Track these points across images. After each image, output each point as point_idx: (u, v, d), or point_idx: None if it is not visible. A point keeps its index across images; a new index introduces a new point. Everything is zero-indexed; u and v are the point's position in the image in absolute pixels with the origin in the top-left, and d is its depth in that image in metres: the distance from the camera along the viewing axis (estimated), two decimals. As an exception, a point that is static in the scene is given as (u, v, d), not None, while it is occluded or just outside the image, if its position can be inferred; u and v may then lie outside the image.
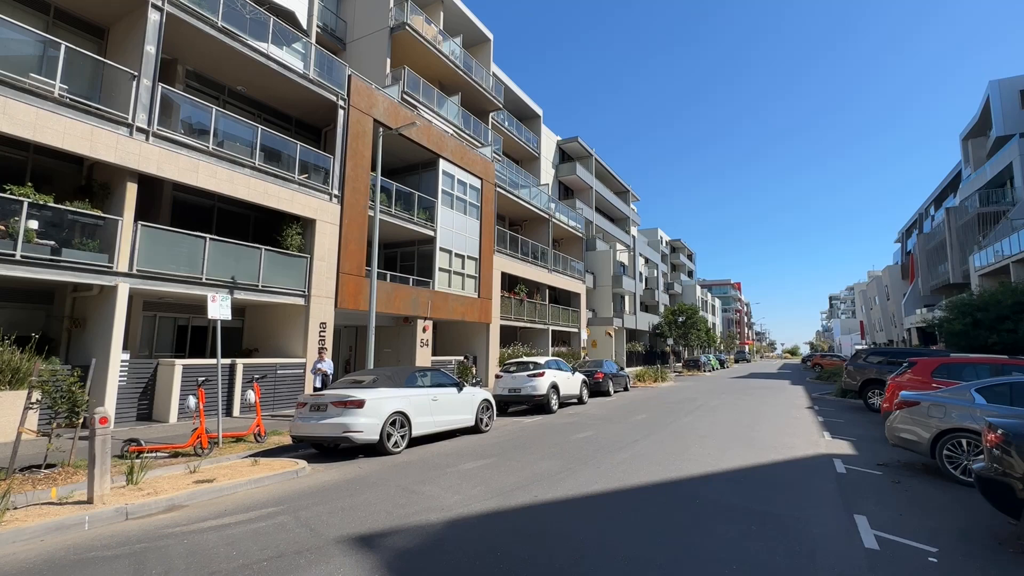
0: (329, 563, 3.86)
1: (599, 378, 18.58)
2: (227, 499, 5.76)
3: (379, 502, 5.51)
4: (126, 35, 11.45)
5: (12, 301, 10.92)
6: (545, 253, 27.86)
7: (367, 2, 22.01)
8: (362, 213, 15.75)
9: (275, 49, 13.81)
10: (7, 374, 8.61)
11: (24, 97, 8.96)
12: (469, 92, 25.35)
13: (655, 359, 44.64)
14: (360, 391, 8.23)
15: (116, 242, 10.11)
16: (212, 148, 11.86)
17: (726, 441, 9.40)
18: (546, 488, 6.08)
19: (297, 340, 14.02)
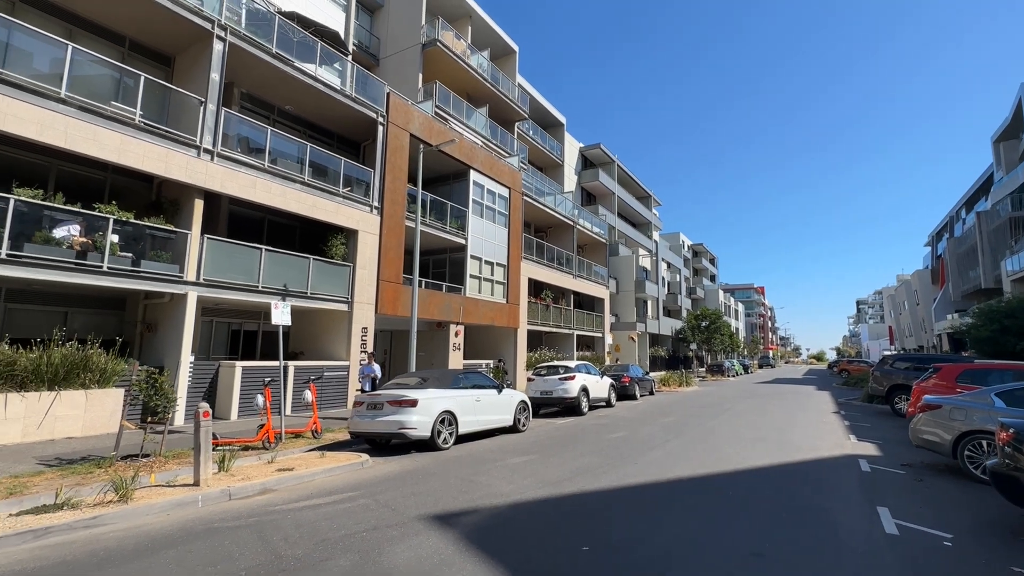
0: (417, 536, 4.55)
1: (626, 382, 19.06)
2: (308, 485, 6.52)
3: (443, 489, 6.20)
4: (191, 63, 12.46)
5: (89, 307, 11.97)
6: (570, 259, 28.44)
7: (399, 20, 22.99)
8: (400, 223, 16.60)
9: (321, 70, 14.75)
10: (96, 374, 9.56)
11: (110, 124, 9.96)
12: (496, 103, 26.15)
13: (678, 364, 44.73)
14: (412, 391, 8.96)
15: (186, 254, 11.08)
16: (267, 165, 12.81)
17: (753, 442, 9.87)
18: (590, 480, 6.69)
19: (341, 344, 14.88)
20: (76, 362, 9.25)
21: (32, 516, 4.91)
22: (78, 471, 6.75)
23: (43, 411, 8.82)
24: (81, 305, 11.75)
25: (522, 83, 30.48)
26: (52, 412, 8.93)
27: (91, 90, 9.92)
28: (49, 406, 8.89)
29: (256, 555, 4.09)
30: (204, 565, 3.89)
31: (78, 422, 9.28)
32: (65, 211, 9.46)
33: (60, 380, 9.07)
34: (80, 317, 11.67)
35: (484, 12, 26.44)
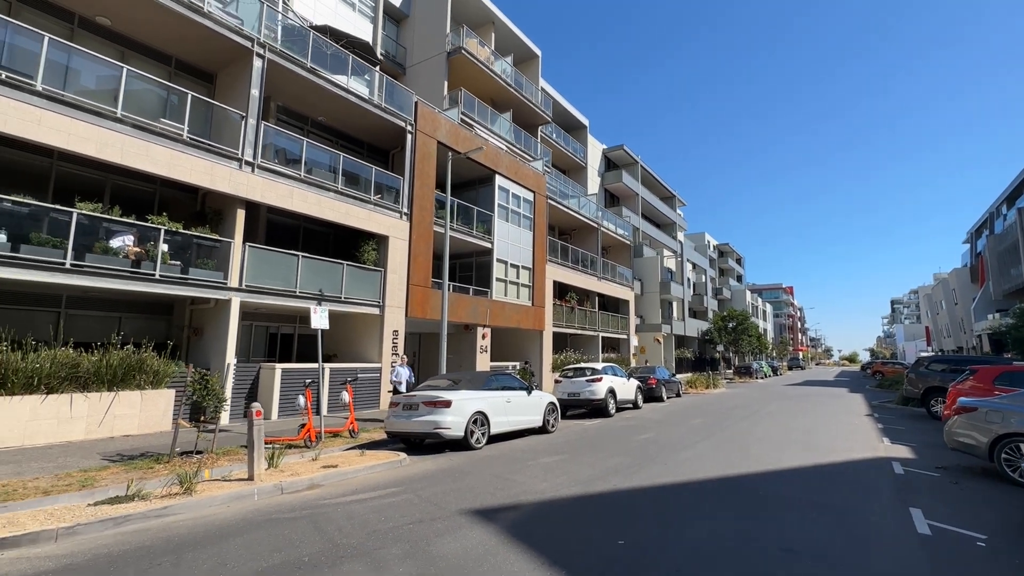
0: (461, 528, 4.83)
1: (652, 384, 19.09)
2: (352, 481, 6.88)
3: (480, 486, 6.48)
4: (233, 79, 13.09)
5: (140, 312, 12.67)
6: (594, 261, 28.53)
7: (424, 29, 23.49)
8: (428, 228, 17.01)
9: (352, 82, 15.27)
10: (150, 375, 10.16)
11: (160, 140, 10.57)
12: (520, 108, 26.44)
13: (705, 365, 44.25)
14: (446, 393, 9.28)
15: (229, 261, 11.65)
16: (303, 175, 13.34)
17: (783, 444, 9.88)
18: (621, 479, 6.88)
19: (373, 346, 15.35)
20: (132, 364, 9.85)
21: (109, 506, 5.37)
22: (140, 466, 7.25)
23: (103, 410, 9.44)
24: (133, 311, 12.45)
25: (545, 87, 30.71)
26: (111, 411, 9.54)
27: (142, 108, 10.56)
28: (109, 406, 9.50)
29: (315, 543, 4.43)
30: (270, 551, 4.24)
31: (134, 421, 9.88)
32: (121, 223, 10.09)
33: (118, 381, 9.68)
34: (132, 322, 12.36)
35: (507, 18, 26.80)
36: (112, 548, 4.39)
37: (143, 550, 4.33)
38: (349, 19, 20.91)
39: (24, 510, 5.30)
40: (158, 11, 11.02)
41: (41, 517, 5.02)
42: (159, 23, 11.54)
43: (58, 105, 9.17)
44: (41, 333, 9.94)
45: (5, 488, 5.98)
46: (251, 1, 12.86)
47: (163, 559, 4.11)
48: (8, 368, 8.39)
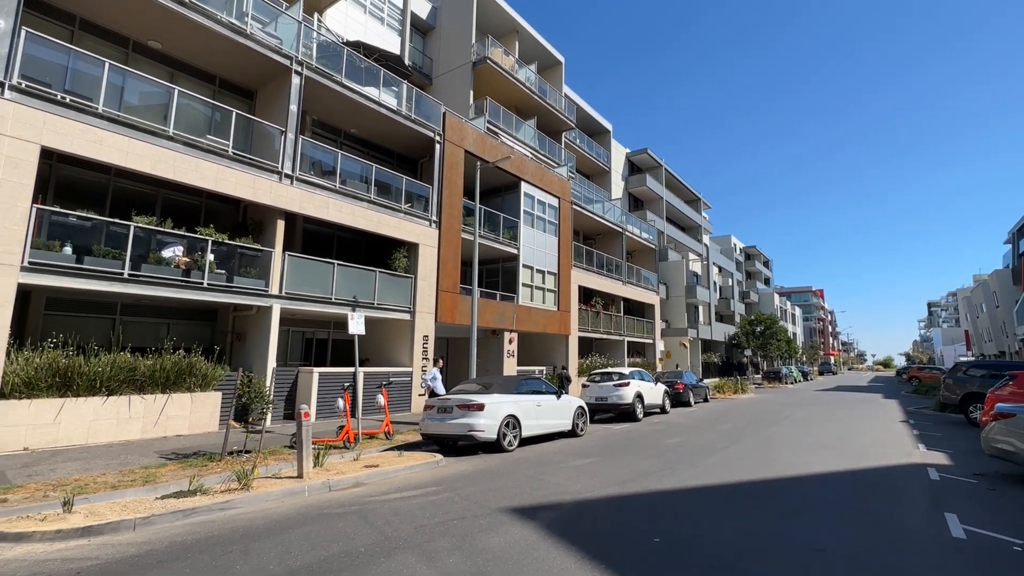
0: (502, 525, 5.09)
1: (679, 389, 19.06)
2: (394, 480, 7.22)
3: (516, 486, 6.73)
4: (272, 96, 13.71)
5: (187, 319, 13.35)
6: (619, 266, 28.57)
7: (450, 40, 24.02)
8: (457, 236, 17.40)
9: (383, 94, 15.79)
10: (199, 379, 10.73)
11: (208, 156, 11.19)
12: (544, 115, 26.74)
13: (732, 370, 43.65)
14: (479, 396, 9.58)
15: (270, 270, 12.21)
16: (338, 186, 13.87)
17: (815, 449, 9.87)
18: (653, 481, 7.05)
19: (404, 351, 15.77)
20: (183, 368, 10.43)
21: (175, 500, 5.80)
22: (195, 464, 7.72)
23: (158, 411, 10.02)
24: (181, 317, 13.13)
25: (568, 93, 30.96)
26: (165, 412, 10.12)
27: (191, 126, 11.20)
28: (163, 407, 10.09)
29: (367, 536, 4.74)
30: (327, 542, 4.58)
31: (185, 421, 10.45)
32: (173, 235, 10.71)
33: (171, 384, 10.27)
34: (180, 327, 13.03)
35: (530, 27, 27.16)
36: (184, 537, 4.79)
37: (212, 539, 4.72)
38: (378, 33, 21.56)
39: (100, 502, 5.78)
40: (205, 34, 11.67)
41: (117, 509, 5.48)
42: (206, 45, 12.21)
43: (117, 126, 9.83)
44: (100, 338, 10.62)
45: (79, 483, 6.50)
46: (289, 22, 13.47)
47: (232, 548, 4.48)
48: (74, 372, 9.01)
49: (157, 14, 10.99)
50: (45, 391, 8.73)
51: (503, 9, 25.11)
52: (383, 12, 22.04)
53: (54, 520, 5.06)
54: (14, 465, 7.48)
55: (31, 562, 4.22)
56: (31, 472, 7.12)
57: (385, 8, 22.21)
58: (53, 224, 9.27)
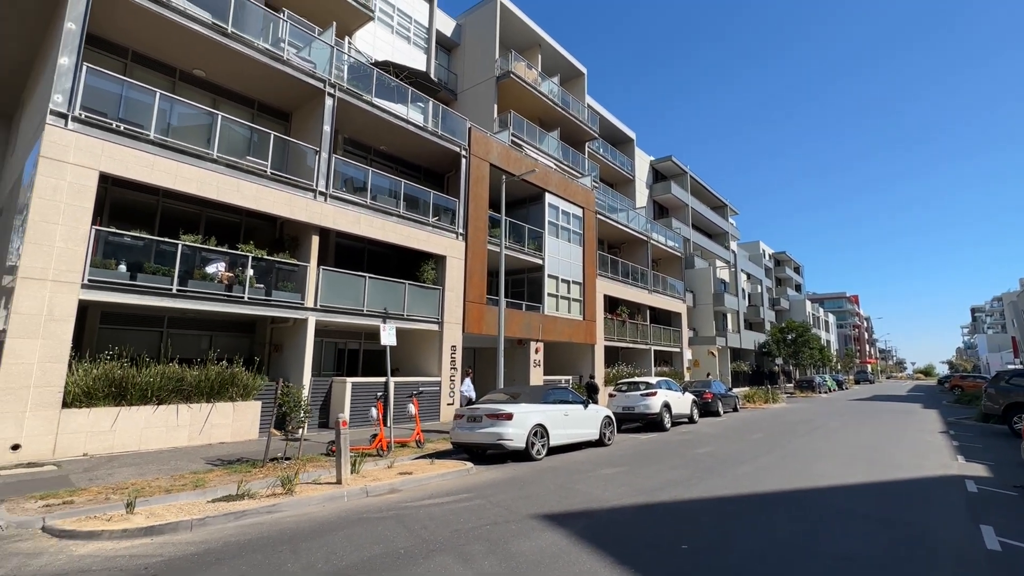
0: (534, 531, 5.29)
1: (708, 398, 18.89)
2: (427, 486, 7.48)
3: (546, 494, 6.91)
4: (306, 117, 14.34)
5: (228, 331, 13.98)
6: (644, 274, 28.49)
7: (474, 56, 24.59)
8: (482, 247, 17.74)
9: (411, 112, 16.31)
10: (240, 388, 11.25)
11: (248, 176, 11.79)
12: (567, 126, 27.03)
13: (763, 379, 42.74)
14: (507, 406, 9.80)
15: (305, 283, 12.72)
16: (369, 202, 14.38)
17: (848, 460, 9.74)
18: (681, 490, 7.13)
19: (432, 361, 16.12)
20: (226, 378, 10.96)
21: (225, 503, 6.18)
22: (239, 470, 8.14)
23: (203, 419, 10.56)
24: (222, 329, 13.76)
25: (591, 104, 31.20)
26: (209, 420, 10.65)
27: (232, 148, 11.83)
28: (207, 416, 10.62)
29: (406, 538, 5.00)
30: (370, 544, 4.85)
31: (227, 429, 10.96)
32: (217, 252, 11.31)
33: (215, 394, 10.81)
34: (221, 339, 13.66)
35: (552, 40, 27.57)
36: (237, 537, 5.13)
37: (263, 539, 5.05)
38: (405, 51, 22.25)
39: (157, 504, 6.20)
40: (246, 62, 12.35)
41: (174, 510, 5.88)
42: (246, 72, 12.90)
43: (166, 150, 10.50)
44: (150, 350, 11.25)
45: (135, 486, 6.96)
46: (322, 46, 14.12)
47: (282, 548, 4.79)
48: (128, 382, 9.60)
49: (203, 45, 11.70)
50: (102, 400, 9.33)
51: (526, 24, 25.59)
52: (409, 31, 22.74)
53: (119, 520, 5.48)
54: (76, 470, 8.03)
55: (103, 558, 4.61)
56: (92, 476, 7.64)
57: (411, 27, 22.92)
58: (108, 244, 9.93)
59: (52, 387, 8.69)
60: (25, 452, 8.38)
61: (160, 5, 10.63)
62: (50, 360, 8.67)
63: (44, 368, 8.61)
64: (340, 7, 17.80)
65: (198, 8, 11.58)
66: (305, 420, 9.22)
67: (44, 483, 7.19)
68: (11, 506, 6.08)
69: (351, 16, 18.32)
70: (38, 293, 8.61)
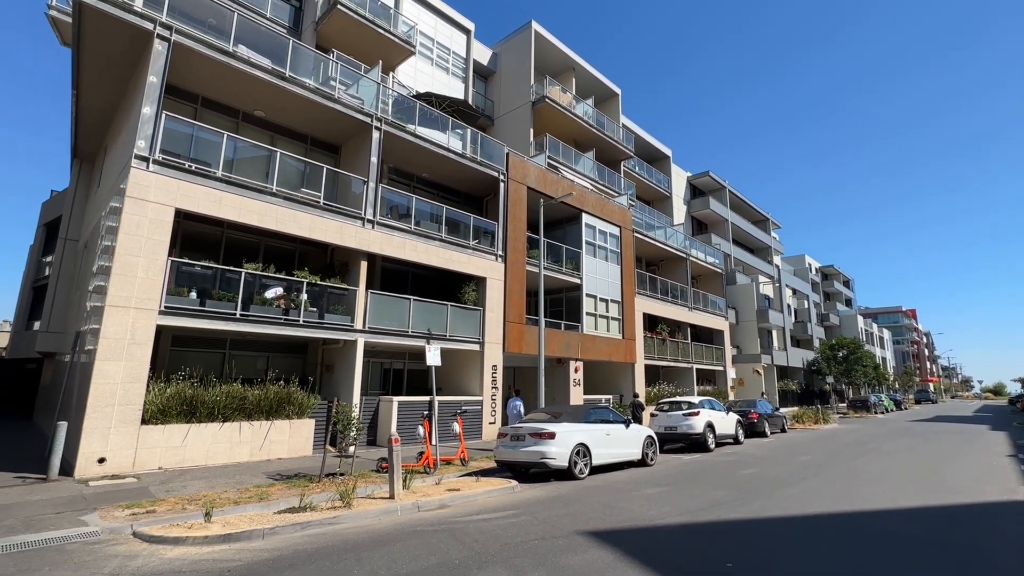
0: (580, 546, 5.49)
1: (754, 418, 18.46)
2: (474, 503, 7.78)
3: (590, 512, 7.08)
4: (355, 149, 15.24)
5: (283, 352, 14.81)
6: (684, 291, 28.19)
7: (510, 83, 25.40)
8: (521, 268, 18.14)
9: (451, 139, 17.04)
10: (296, 407, 11.91)
11: (303, 208, 12.63)
12: (602, 146, 27.39)
13: (813, 399, 41.10)
14: (550, 425, 10.02)
15: (355, 306, 13.40)
16: (413, 228, 15.05)
17: (902, 483, 9.43)
18: (726, 511, 7.15)
19: (474, 381, 16.50)
20: (283, 397, 11.64)
21: (290, 514, 6.65)
22: (298, 484, 8.65)
23: (263, 436, 11.23)
24: (277, 350, 14.60)
25: (626, 123, 31.50)
26: (268, 437, 11.32)
27: (288, 181, 12.73)
28: (266, 433, 11.30)
29: (459, 551, 5.30)
30: (426, 555, 5.18)
31: (284, 446, 11.60)
32: (275, 278, 12.12)
33: (273, 412, 11.49)
34: (277, 360, 14.48)
35: (586, 63, 28.14)
36: (305, 546, 5.56)
37: (328, 549, 5.45)
38: (444, 81, 23.26)
39: (230, 515, 6.73)
40: (302, 102, 13.33)
41: (246, 520, 6.39)
42: (301, 110, 13.89)
43: (231, 186, 11.43)
44: (215, 370, 12.10)
45: (207, 498, 7.54)
46: (369, 83, 15.05)
47: (346, 556, 5.18)
48: (197, 400, 10.38)
49: (263, 89, 12.73)
50: (175, 418, 10.12)
51: (559, 49, 26.29)
52: (448, 63, 23.78)
53: (199, 528, 6.02)
54: (154, 482, 8.74)
55: (190, 561, 5.11)
56: (168, 488, 8.32)
57: (450, 59, 23.96)
58: (181, 273, 10.85)
59: (133, 405, 9.52)
60: (109, 465, 9.19)
61: (229, 56, 11.70)
62: (132, 380, 9.52)
63: (126, 388, 9.45)
64: (384, 45, 18.93)
65: (260, 56, 12.66)
66: (357, 438, 9.70)
67: (127, 494, 7.89)
68: (103, 514, 6.75)
69: (394, 52, 19.42)
70: (122, 319, 9.51)
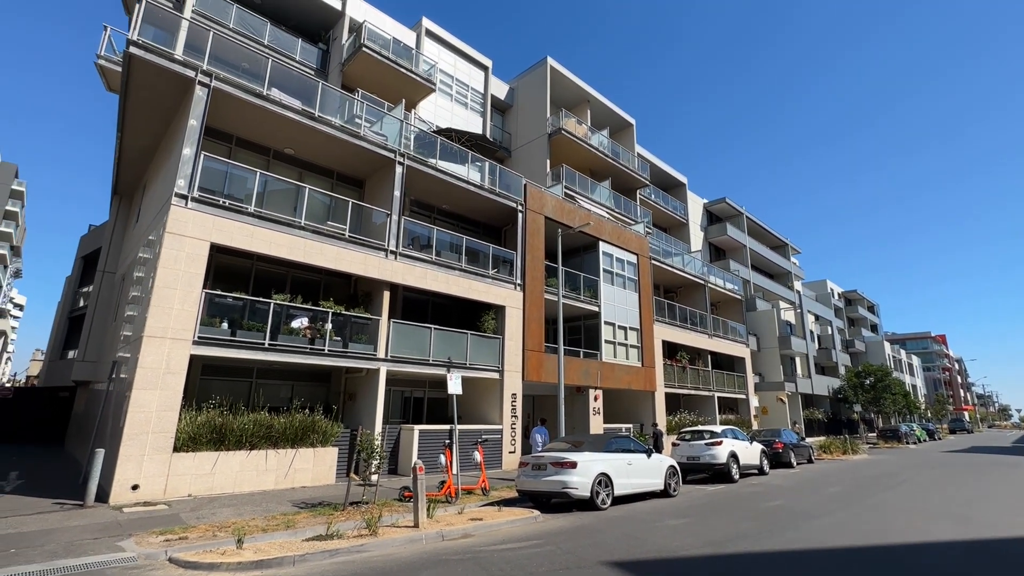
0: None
1: (778, 448, 18.08)
2: (497, 532, 7.81)
3: (613, 542, 7.07)
4: (378, 184, 15.81)
5: (306, 380, 15.11)
6: (703, 318, 28.01)
7: (526, 116, 26.13)
8: (539, 297, 18.34)
9: (471, 172, 17.56)
10: (320, 435, 12.11)
11: (329, 240, 13.09)
12: (618, 175, 27.81)
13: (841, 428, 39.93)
14: (571, 454, 10.03)
15: (378, 336, 13.70)
16: (434, 258, 15.43)
17: (934, 516, 9.18)
18: (750, 543, 7.07)
19: (494, 409, 16.55)
20: (308, 425, 11.86)
21: (319, 541, 6.79)
22: (323, 512, 8.78)
23: (288, 464, 11.42)
24: (302, 379, 14.91)
25: (641, 152, 31.99)
26: (293, 465, 11.50)
27: (315, 215, 13.23)
28: (291, 461, 11.49)
29: (485, 580, 5.37)
30: (452, 583, 5.26)
31: (309, 474, 11.76)
32: (302, 309, 12.51)
33: (298, 440, 11.70)
34: (301, 388, 14.78)
35: (601, 95, 28.85)
36: (333, 573, 5.68)
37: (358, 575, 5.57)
38: (463, 116, 24.07)
39: (260, 542, 6.89)
40: (330, 140, 13.97)
41: (276, 547, 6.54)
42: (328, 147, 14.54)
43: (262, 221, 11.95)
44: (243, 398, 12.41)
45: (236, 525, 7.71)
46: (392, 121, 15.71)
47: (375, 583, 5.29)
48: (226, 428, 10.66)
49: (294, 128, 13.40)
50: (205, 445, 10.39)
51: (574, 83, 27.05)
52: (467, 98, 24.65)
53: (232, 554, 6.19)
54: (184, 509, 8.96)
55: (225, 586, 5.27)
56: (199, 515, 8.52)
57: (468, 94, 24.84)
58: (213, 304, 11.29)
59: (166, 433, 9.83)
60: (141, 492, 9.45)
61: (263, 99, 12.41)
62: (166, 408, 9.86)
63: (160, 416, 9.79)
64: (406, 83, 19.79)
65: (290, 98, 13.38)
66: (382, 466, 9.83)
67: (160, 520, 8.11)
68: (138, 539, 6.97)
69: (416, 90, 20.27)
70: (159, 349, 9.92)
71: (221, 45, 12.66)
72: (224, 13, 17.32)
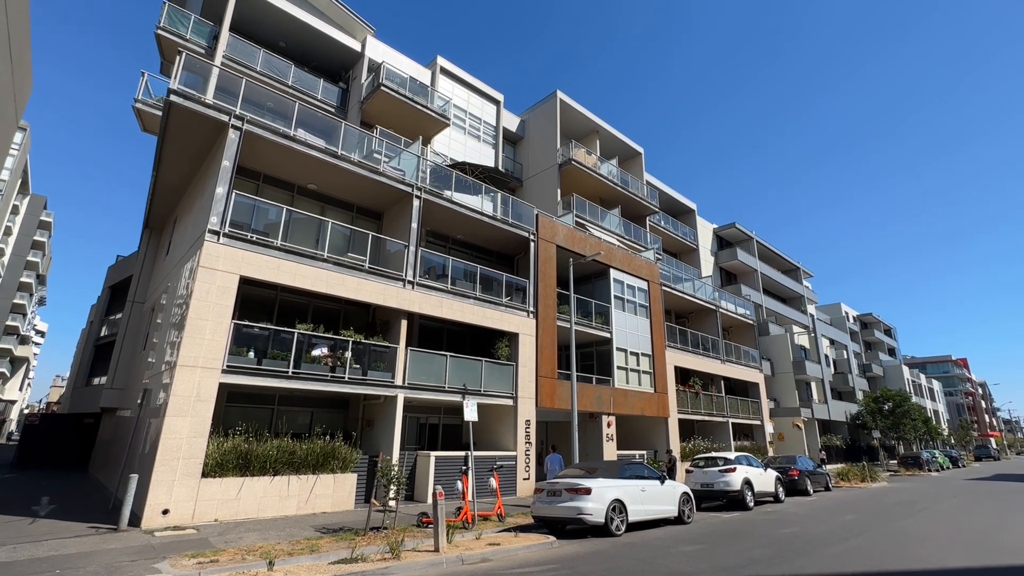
0: (620, 598, 5.72)
1: (794, 475, 17.96)
2: (515, 557, 8.02)
3: (629, 567, 7.25)
4: (396, 216, 16.44)
5: (326, 407, 15.49)
6: (715, 343, 28.05)
7: (537, 147, 26.93)
8: (552, 324, 18.67)
9: (485, 202, 18.16)
10: (340, 461, 12.42)
11: (349, 271, 13.64)
12: (627, 203, 28.36)
13: (859, 455, 39.14)
14: (585, 480, 10.23)
15: (395, 363, 14.09)
16: (449, 287, 15.91)
17: (954, 544, 9.19)
18: (764, 568, 7.22)
19: (508, 435, 16.75)
20: (328, 452, 12.20)
21: (344, 565, 7.07)
22: (345, 537, 9.04)
23: (308, 490, 11.73)
24: (321, 406, 15.30)
25: (650, 179, 32.60)
26: (314, 491, 11.80)
27: (335, 246, 13.83)
28: (312, 487, 11.79)
29: (506, 601, 5.62)
30: (475, 604, 5.52)
31: (328, 500, 12.04)
32: (324, 338, 12.98)
33: (319, 466, 12.02)
34: (320, 415, 15.14)
35: (610, 126, 29.67)
36: (361, 595, 5.96)
37: (383, 597, 5.84)
38: (476, 148, 24.90)
39: (288, 565, 7.19)
40: (351, 176, 14.67)
41: (304, 571, 6.84)
42: (349, 182, 15.24)
43: (287, 254, 12.55)
44: (265, 425, 12.80)
45: (263, 549, 8.02)
46: (410, 156, 16.45)
47: (401, 604, 5.56)
48: (251, 454, 11.03)
49: (317, 165, 14.12)
50: (231, 471, 10.76)
51: (583, 114, 27.91)
52: (479, 131, 25.53)
53: (264, 576, 6.49)
54: (212, 533, 9.28)
55: (260, 606, 5.57)
56: (226, 539, 8.83)
57: (481, 127, 25.73)
58: (241, 334, 11.80)
59: (195, 459, 10.23)
60: (171, 516, 9.80)
61: (290, 140, 13.17)
62: (195, 435, 10.28)
63: (191, 442, 10.20)
64: (422, 119, 20.67)
65: (314, 136, 14.15)
66: (401, 492, 10.10)
67: (191, 544, 8.44)
68: (172, 562, 7.30)
69: (431, 125, 21.15)
70: (191, 378, 10.41)
71: (250, 88, 13.49)
72: (252, 57, 18.38)
